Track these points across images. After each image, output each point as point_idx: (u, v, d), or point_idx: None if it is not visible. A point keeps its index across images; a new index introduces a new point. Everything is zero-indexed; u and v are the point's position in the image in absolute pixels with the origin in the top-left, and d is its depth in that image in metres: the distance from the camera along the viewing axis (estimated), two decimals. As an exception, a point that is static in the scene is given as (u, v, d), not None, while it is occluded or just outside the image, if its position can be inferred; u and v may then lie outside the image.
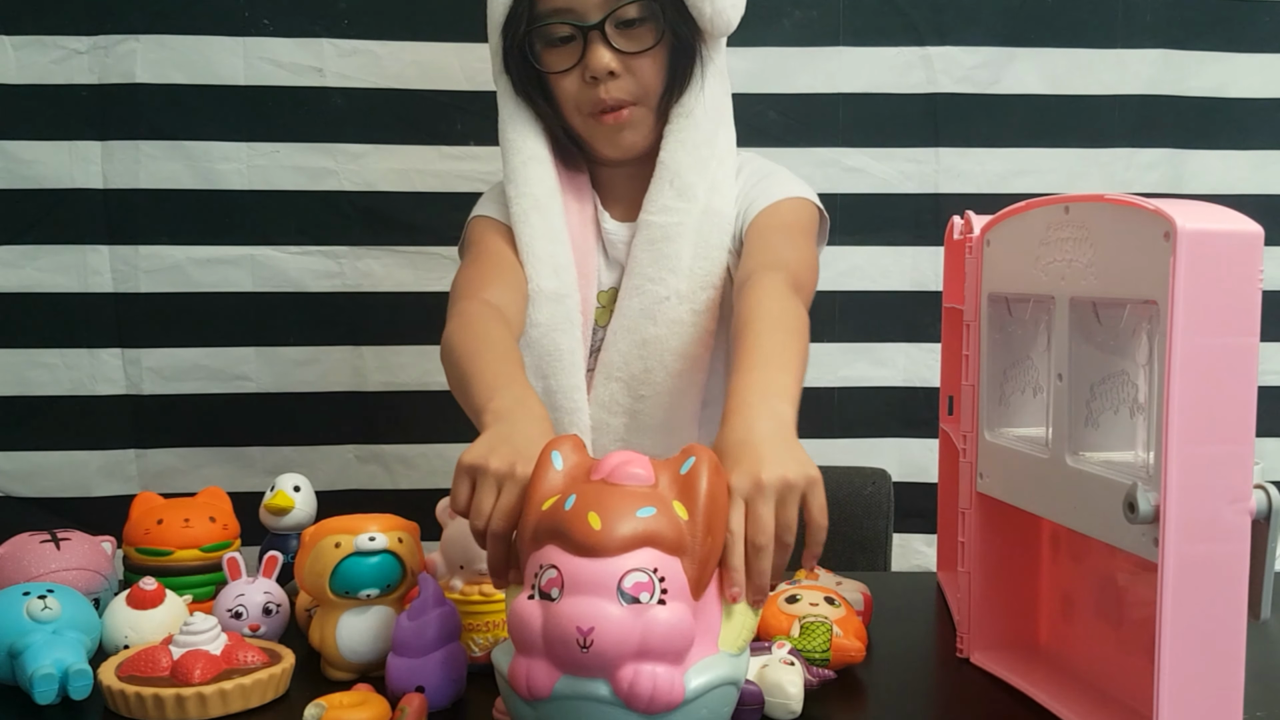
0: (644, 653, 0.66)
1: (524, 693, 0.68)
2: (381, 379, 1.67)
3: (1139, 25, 1.65)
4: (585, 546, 0.67)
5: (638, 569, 0.66)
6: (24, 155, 1.59)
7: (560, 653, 0.66)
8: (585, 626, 0.65)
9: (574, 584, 0.66)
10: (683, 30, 1.12)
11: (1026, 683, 0.87)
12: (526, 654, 0.68)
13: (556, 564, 0.67)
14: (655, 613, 0.66)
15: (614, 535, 0.67)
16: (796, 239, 1.13)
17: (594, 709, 0.67)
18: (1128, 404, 0.78)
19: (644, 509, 0.68)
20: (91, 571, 0.96)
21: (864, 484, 1.56)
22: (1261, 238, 0.69)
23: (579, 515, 0.68)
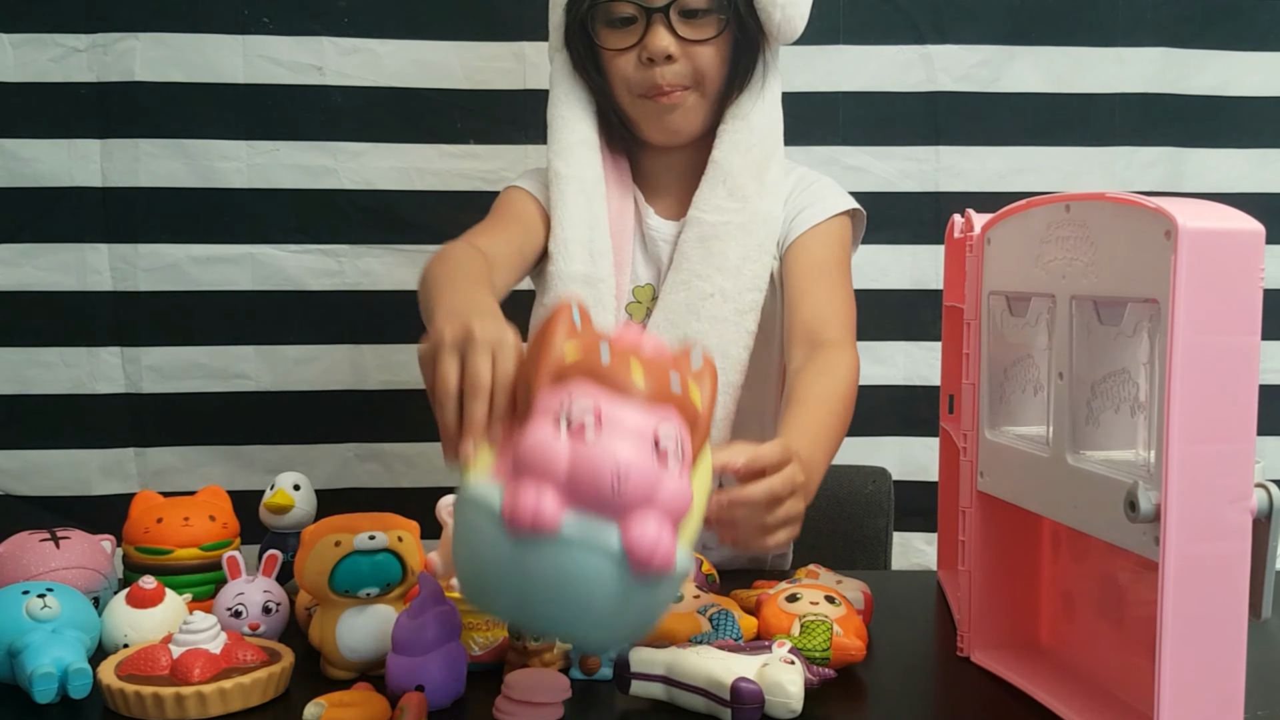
0: (654, 500, 0.64)
1: (525, 522, 0.63)
2: (381, 377, 1.67)
3: (1140, 23, 1.65)
4: (629, 391, 0.66)
5: (669, 428, 0.66)
6: (23, 153, 1.59)
7: (585, 489, 0.63)
8: (623, 468, 0.63)
9: (613, 425, 0.65)
10: (749, 28, 1.13)
11: (1027, 682, 0.86)
12: (537, 481, 0.64)
13: (596, 405, 0.65)
14: (673, 476, 0.65)
15: (655, 390, 0.67)
16: (834, 282, 1.15)
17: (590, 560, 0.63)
18: (1129, 402, 0.78)
19: (674, 375, 0.68)
20: (91, 570, 0.96)
21: (864, 483, 1.56)
22: (1263, 236, 0.69)
23: (621, 365, 0.67)
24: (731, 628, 0.90)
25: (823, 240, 1.18)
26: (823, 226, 1.18)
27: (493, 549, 0.65)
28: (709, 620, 0.90)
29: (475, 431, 0.70)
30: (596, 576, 0.63)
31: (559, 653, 0.89)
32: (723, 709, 0.78)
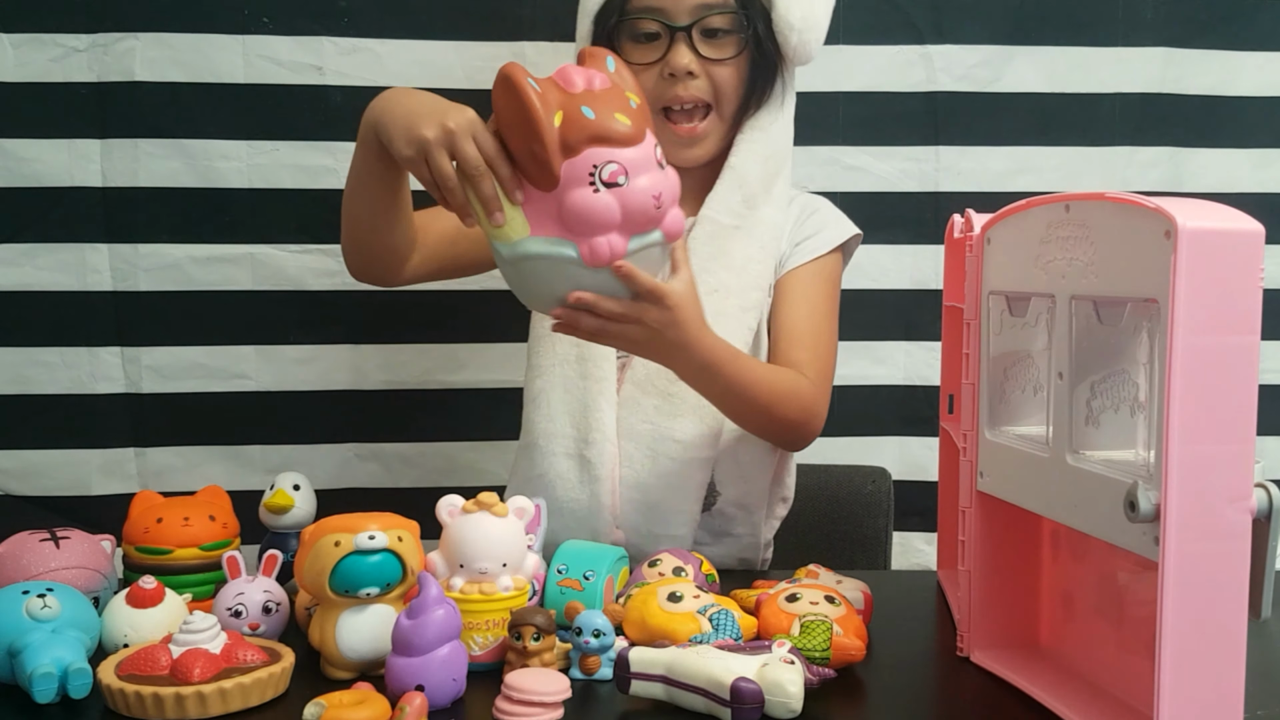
0: (675, 200, 0.93)
1: (606, 259, 0.91)
2: (381, 377, 1.67)
3: (1140, 23, 1.65)
4: (627, 139, 0.88)
5: (654, 144, 0.91)
6: (23, 153, 1.59)
7: (637, 219, 0.90)
8: (657, 193, 0.90)
9: (635, 169, 0.89)
10: (767, 49, 1.19)
11: (1027, 682, 0.87)
12: (603, 232, 0.90)
13: (615, 159, 0.88)
14: (670, 173, 0.93)
15: (638, 127, 0.89)
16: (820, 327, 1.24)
17: (654, 251, 0.94)
18: (1128, 402, 0.78)
19: (632, 100, 0.90)
20: (91, 570, 0.96)
21: (864, 482, 1.56)
22: (1262, 236, 0.69)
23: (606, 119, 0.88)
24: (731, 627, 0.90)
25: (817, 278, 1.25)
26: (818, 263, 1.26)
27: (577, 282, 0.93)
28: (709, 620, 0.90)
29: (493, 204, 0.90)
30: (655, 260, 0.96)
31: (559, 653, 0.89)
32: (722, 709, 0.78)
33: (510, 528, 0.93)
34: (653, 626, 0.90)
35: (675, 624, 0.90)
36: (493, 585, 0.91)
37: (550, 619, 0.87)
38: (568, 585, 0.97)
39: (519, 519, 0.94)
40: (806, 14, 1.17)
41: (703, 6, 1.16)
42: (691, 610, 0.91)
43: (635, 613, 0.92)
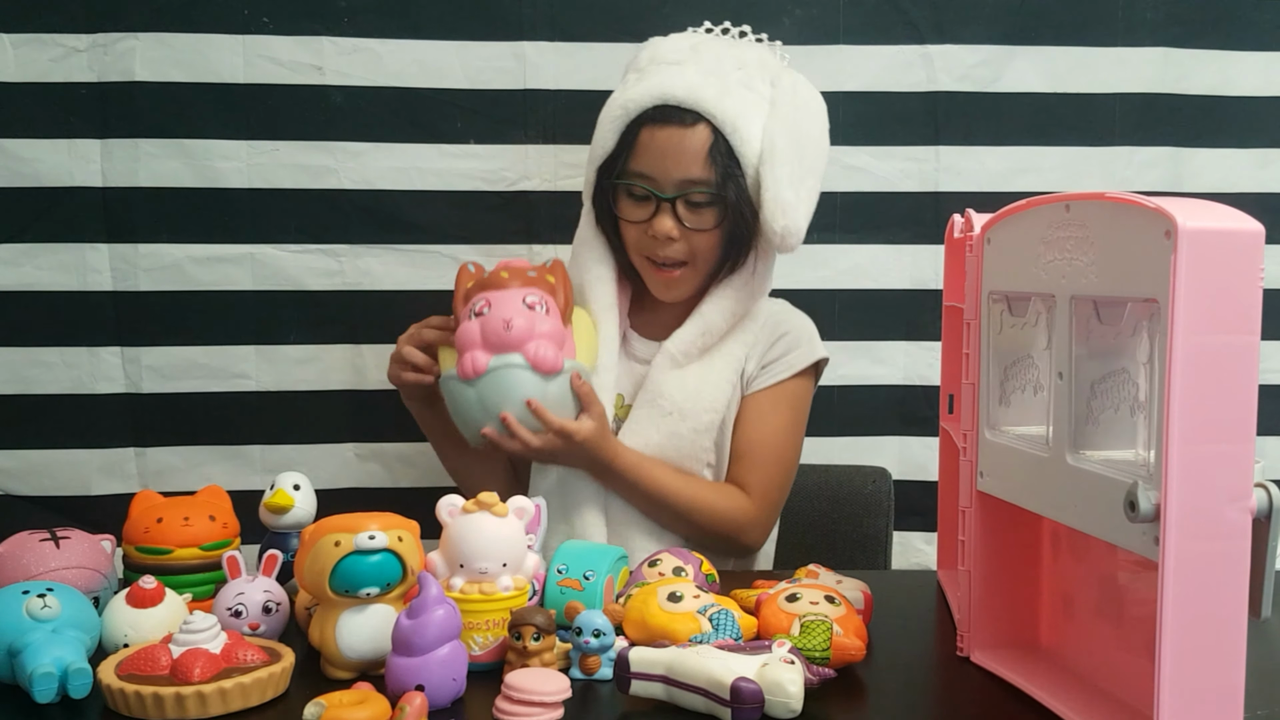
0: (540, 335, 1.17)
1: (469, 373, 1.19)
2: (381, 377, 1.66)
3: (1140, 23, 1.65)
4: (501, 285, 1.21)
5: (532, 294, 1.20)
6: (23, 153, 1.59)
7: (491, 340, 1.17)
8: (507, 318, 1.17)
9: (497, 303, 1.19)
10: (743, 223, 1.29)
11: (1027, 681, 0.87)
12: (467, 350, 1.19)
13: (485, 297, 1.20)
14: (543, 317, 1.18)
15: (516, 280, 1.21)
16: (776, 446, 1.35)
17: (512, 373, 1.18)
18: (1128, 402, 0.78)
19: (530, 271, 1.23)
20: (91, 570, 0.96)
21: (864, 482, 1.56)
22: (1262, 236, 0.69)
23: (494, 275, 1.22)
24: (731, 627, 0.90)
25: (775, 405, 1.35)
26: (783, 386, 1.35)
27: (464, 396, 1.22)
28: (709, 620, 0.90)
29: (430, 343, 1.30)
30: (519, 382, 1.19)
31: (559, 653, 0.89)
32: (723, 709, 0.78)
33: (510, 528, 0.93)
34: (653, 626, 0.90)
35: (675, 624, 0.90)
36: (493, 585, 0.91)
37: (550, 619, 0.87)
38: (568, 585, 0.97)
39: (519, 519, 0.94)
40: (789, 223, 1.26)
41: (687, 182, 1.26)
42: (691, 610, 0.91)
43: (635, 612, 0.92)
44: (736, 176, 1.26)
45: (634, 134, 1.28)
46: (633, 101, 1.27)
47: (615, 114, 1.29)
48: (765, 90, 1.28)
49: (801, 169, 1.28)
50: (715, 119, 1.25)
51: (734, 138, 1.25)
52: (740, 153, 1.25)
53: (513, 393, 1.18)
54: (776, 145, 1.25)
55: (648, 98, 1.26)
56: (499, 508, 0.93)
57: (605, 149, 1.30)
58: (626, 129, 1.28)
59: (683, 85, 1.26)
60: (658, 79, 1.27)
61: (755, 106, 1.27)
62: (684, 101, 1.25)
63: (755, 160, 1.26)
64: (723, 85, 1.26)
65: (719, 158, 1.25)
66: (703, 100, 1.25)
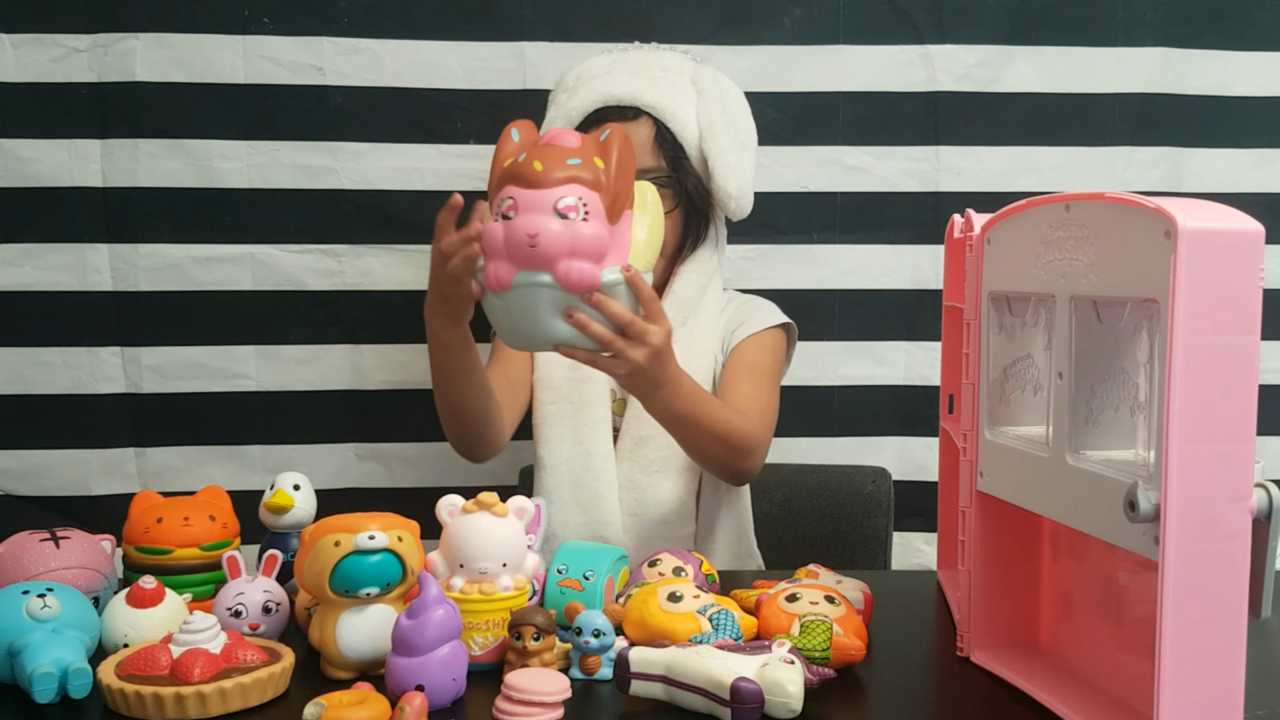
0: (573, 253, 0.97)
1: (493, 285, 1.00)
2: (381, 377, 1.67)
3: (1139, 23, 1.65)
4: (531, 181, 0.98)
5: (567, 196, 0.97)
6: (23, 154, 1.59)
7: (516, 254, 0.98)
8: (532, 232, 0.96)
9: (524, 207, 0.98)
10: (699, 203, 1.35)
11: (1026, 682, 0.87)
12: (493, 259, 1.00)
13: (513, 195, 0.98)
14: (580, 226, 0.97)
15: (550, 174, 0.98)
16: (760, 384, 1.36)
17: (540, 291, 0.99)
18: (1128, 402, 0.78)
19: (572, 159, 0.99)
20: (91, 570, 0.96)
21: (864, 482, 1.56)
22: (1262, 236, 0.69)
23: (527, 163, 0.99)
24: (731, 627, 0.90)
25: (757, 347, 1.38)
26: (758, 336, 1.39)
27: (491, 305, 1.04)
28: (709, 620, 0.90)
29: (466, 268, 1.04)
30: (545, 301, 1.00)
31: (559, 653, 0.89)
32: (722, 709, 0.78)
33: (510, 528, 0.93)
34: (653, 626, 0.90)
35: (675, 624, 0.90)
36: (493, 585, 0.91)
37: (550, 619, 0.87)
38: (568, 585, 0.97)
39: (519, 519, 0.94)
40: (741, 183, 1.35)
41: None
42: (691, 610, 0.91)
43: (635, 612, 0.92)
44: (683, 159, 1.34)
45: None
46: (575, 109, 1.34)
47: (557, 123, 1.34)
48: (689, 84, 1.36)
49: (737, 141, 1.36)
50: (654, 110, 1.33)
51: (674, 124, 1.33)
52: (682, 137, 1.33)
53: (537, 310, 1.00)
54: (714, 123, 1.33)
55: (589, 103, 1.34)
56: (499, 508, 0.93)
57: None
58: None
59: (619, 87, 1.34)
60: (592, 87, 1.35)
61: (685, 95, 1.35)
62: (623, 99, 1.33)
63: (696, 141, 1.34)
64: (653, 82, 1.34)
65: (665, 145, 1.33)
66: (640, 96, 1.33)
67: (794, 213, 1.67)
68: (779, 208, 1.65)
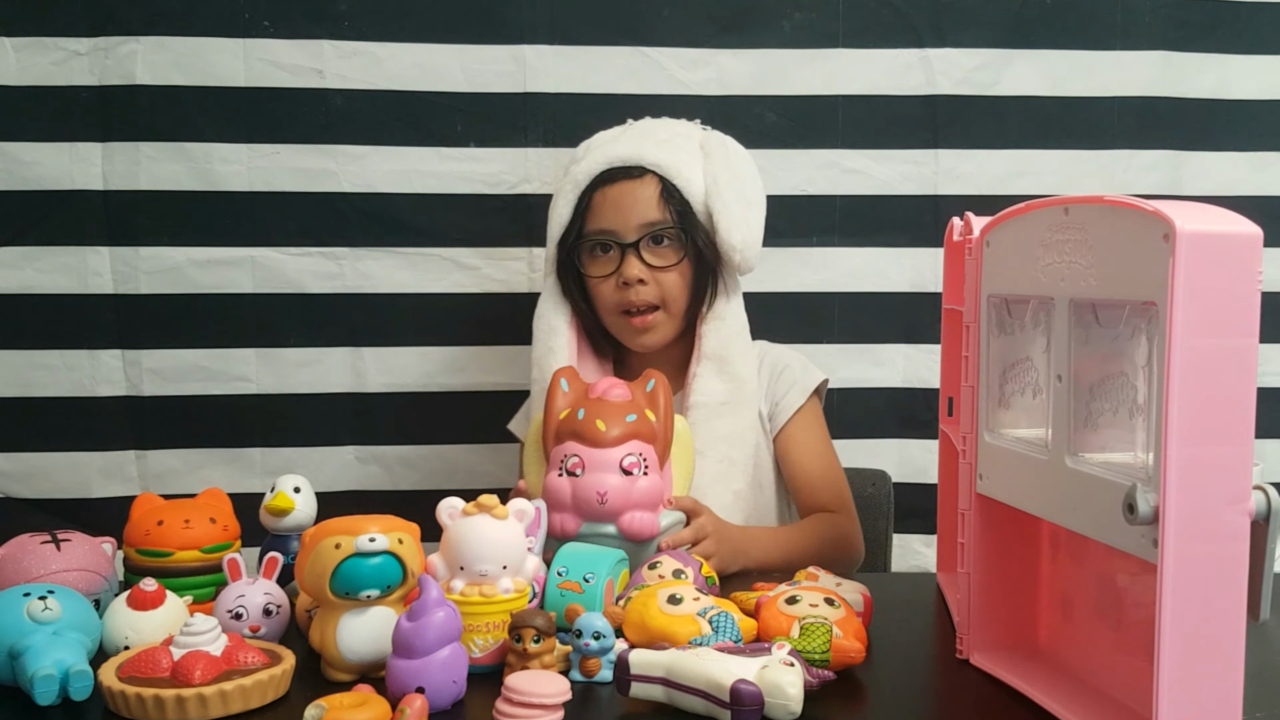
0: (635, 505, 1.06)
1: (558, 534, 1.07)
2: (382, 380, 1.67)
3: (1138, 27, 1.65)
4: (595, 441, 1.06)
5: (629, 454, 1.06)
6: (24, 156, 1.59)
7: (583, 508, 1.06)
8: (601, 491, 1.04)
9: (591, 465, 1.06)
10: (708, 256, 1.37)
11: (1026, 683, 0.87)
12: (558, 510, 1.07)
13: (578, 454, 1.06)
14: (640, 481, 1.06)
15: (612, 434, 1.06)
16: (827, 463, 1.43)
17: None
18: (1127, 405, 0.78)
19: (630, 415, 1.07)
20: (92, 572, 0.96)
21: (864, 485, 1.57)
22: (1261, 239, 0.69)
23: (590, 422, 1.06)
24: (731, 630, 0.90)
25: (804, 430, 1.43)
26: (801, 413, 1.43)
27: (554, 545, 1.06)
28: (708, 622, 0.90)
29: None
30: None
31: (559, 655, 0.89)
32: (722, 711, 0.79)
33: (510, 530, 0.93)
34: (653, 629, 0.90)
35: (675, 626, 0.90)
36: (493, 587, 0.91)
37: (550, 621, 0.87)
38: (568, 587, 0.97)
39: (519, 521, 0.94)
40: (745, 236, 1.36)
41: (647, 225, 1.35)
42: (691, 613, 0.91)
43: (635, 615, 0.92)
44: (690, 214, 1.36)
45: (587, 199, 1.38)
46: (582, 173, 1.38)
47: (566, 190, 1.39)
48: (696, 147, 1.40)
49: (744, 198, 1.38)
50: (660, 168, 1.36)
51: (679, 180, 1.36)
52: (688, 193, 1.36)
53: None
54: (719, 180, 1.37)
55: (595, 165, 1.38)
56: (499, 510, 0.93)
57: (562, 221, 1.38)
58: (580, 198, 1.38)
59: (625, 148, 1.38)
60: (599, 153, 1.39)
61: (691, 156, 1.38)
62: (629, 160, 1.37)
63: (702, 197, 1.36)
64: (660, 144, 1.38)
65: (671, 200, 1.36)
66: (645, 156, 1.37)
67: (793, 216, 1.67)
68: (778, 211, 1.65)
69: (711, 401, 1.36)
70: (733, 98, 1.65)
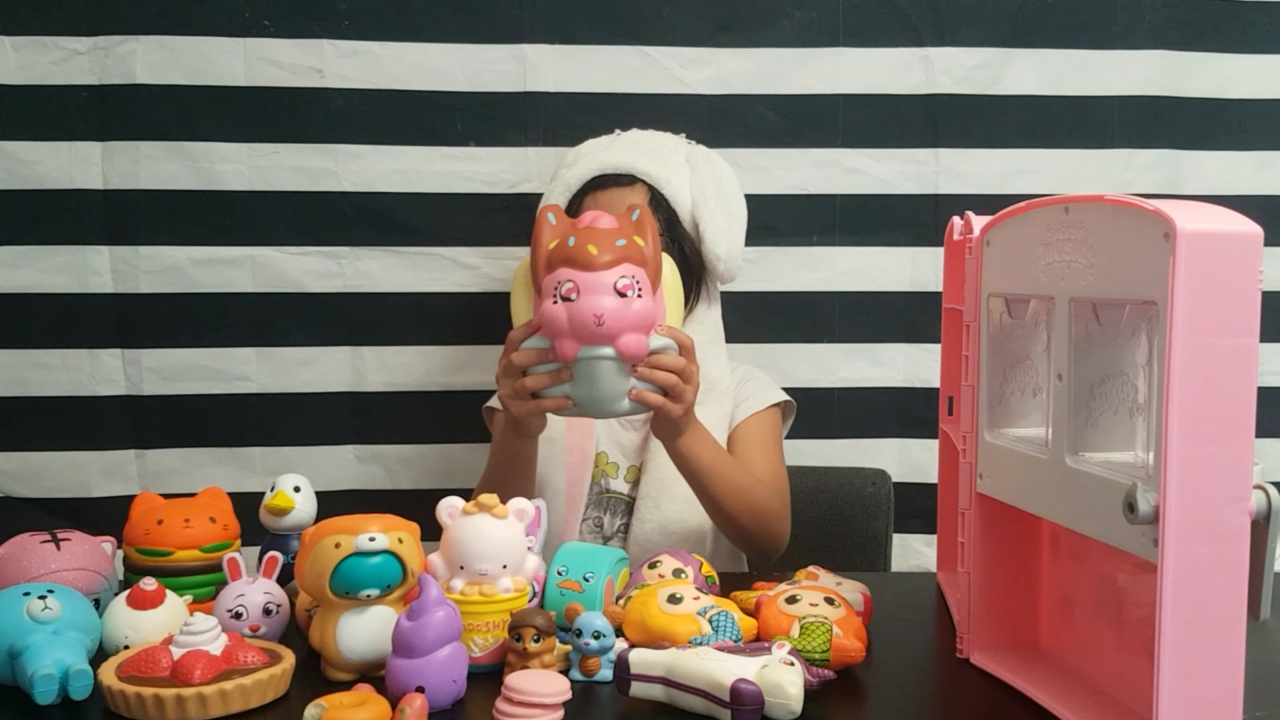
0: (630, 326, 1.06)
1: (560, 358, 1.07)
2: (381, 379, 1.67)
3: (1138, 26, 1.65)
4: (588, 265, 1.04)
5: (623, 276, 1.05)
6: (24, 156, 1.59)
7: (581, 332, 1.05)
8: (598, 313, 1.04)
9: (586, 289, 1.05)
10: (693, 264, 1.40)
11: (1026, 683, 0.87)
12: (557, 336, 1.06)
13: (572, 278, 1.05)
14: (635, 302, 1.06)
15: (605, 257, 1.05)
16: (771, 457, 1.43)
17: (605, 363, 1.07)
18: (1127, 404, 0.78)
19: (619, 240, 1.06)
20: (92, 572, 0.96)
21: (864, 484, 1.56)
22: (1261, 238, 0.69)
23: (581, 248, 1.05)
24: (731, 629, 0.90)
25: (760, 425, 1.44)
26: (760, 414, 1.44)
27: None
28: (709, 622, 0.90)
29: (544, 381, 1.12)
30: (609, 370, 1.08)
31: (559, 654, 0.89)
32: (722, 710, 0.79)
33: (510, 529, 0.93)
34: (653, 628, 0.90)
35: (675, 626, 0.90)
36: (493, 587, 0.91)
37: (550, 620, 0.87)
38: (568, 587, 0.97)
39: (519, 521, 0.94)
40: (730, 247, 1.40)
41: None
42: (691, 612, 0.91)
43: (635, 614, 0.92)
44: (677, 224, 1.39)
45: (577, 205, 1.39)
46: (574, 178, 1.40)
47: (557, 193, 1.40)
48: (683, 160, 1.43)
49: (728, 211, 1.41)
50: (650, 178, 1.38)
51: (667, 190, 1.38)
52: (675, 204, 1.39)
53: (602, 380, 1.09)
54: (706, 192, 1.40)
55: (587, 171, 1.40)
56: (499, 509, 0.93)
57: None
58: (570, 203, 1.40)
59: (616, 156, 1.41)
60: (590, 159, 1.41)
61: (679, 168, 1.41)
62: (619, 168, 1.39)
63: (689, 208, 1.39)
64: (649, 155, 1.41)
65: (659, 209, 1.37)
66: (635, 164, 1.39)
67: (794, 215, 1.67)
68: (779, 210, 1.65)
69: None
70: (733, 97, 1.65)
